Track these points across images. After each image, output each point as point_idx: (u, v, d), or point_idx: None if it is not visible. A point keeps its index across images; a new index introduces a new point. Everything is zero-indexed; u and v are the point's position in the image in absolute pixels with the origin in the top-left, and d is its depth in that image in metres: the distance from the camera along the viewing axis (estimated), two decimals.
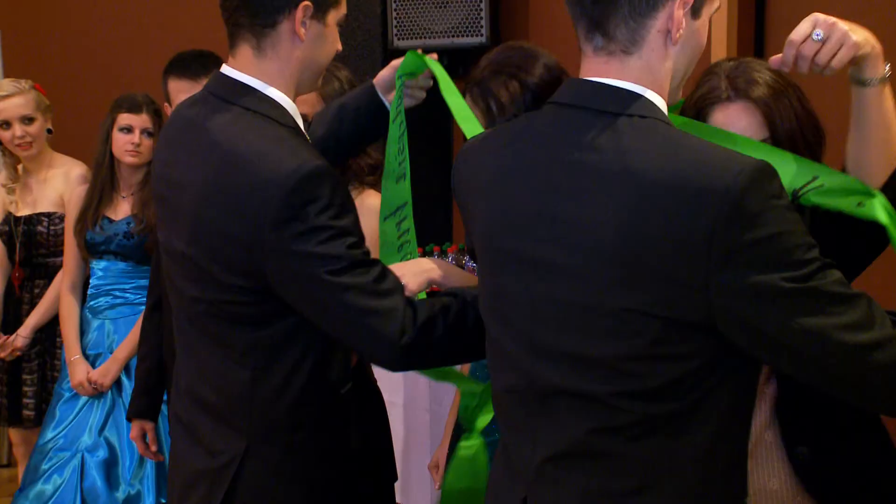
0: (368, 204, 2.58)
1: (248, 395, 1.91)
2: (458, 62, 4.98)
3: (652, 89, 1.46)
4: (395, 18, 4.73)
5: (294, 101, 1.96)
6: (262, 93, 1.89)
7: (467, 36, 4.66)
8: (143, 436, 3.11)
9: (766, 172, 1.34)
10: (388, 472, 2.78)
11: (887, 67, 1.74)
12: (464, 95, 2.20)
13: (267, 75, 1.89)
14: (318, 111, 2.44)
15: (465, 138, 1.98)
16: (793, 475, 1.93)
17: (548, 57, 2.21)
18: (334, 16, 1.93)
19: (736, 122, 1.86)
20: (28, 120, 3.81)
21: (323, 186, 1.74)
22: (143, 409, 3.11)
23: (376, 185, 2.58)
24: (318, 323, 1.83)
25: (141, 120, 3.47)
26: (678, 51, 1.49)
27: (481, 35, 4.60)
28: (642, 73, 1.46)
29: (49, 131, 3.91)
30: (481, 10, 4.60)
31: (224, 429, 1.94)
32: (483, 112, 2.18)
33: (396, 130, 2.23)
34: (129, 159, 3.48)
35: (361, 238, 1.81)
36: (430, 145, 5.20)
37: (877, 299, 1.44)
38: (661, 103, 1.47)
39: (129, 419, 3.19)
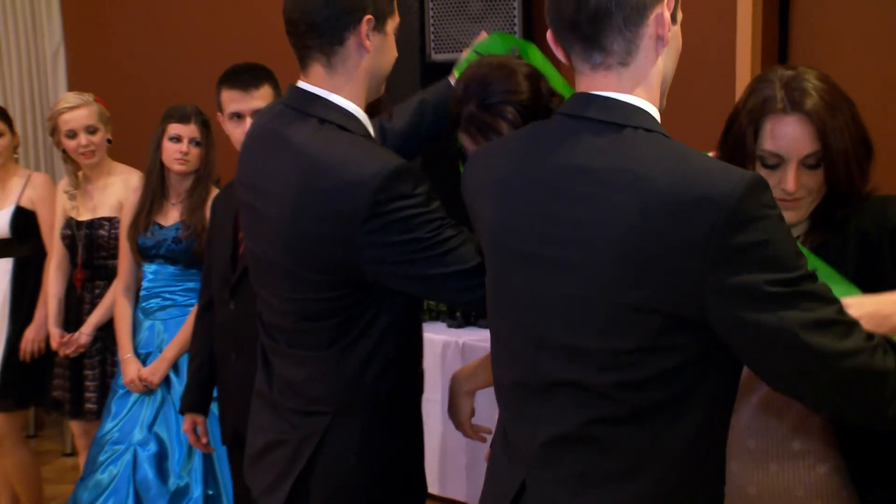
0: None
1: (333, 376, 1.96)
2: None
3: (647, 99, 1.49)
4: (433, 33, 4.77)
5: (364, 108, 2.01)
6: (336, 105, 1.93)
7: None
8: (194, 428, 3.10)
9: (762, 184, 1.36)
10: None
11: None
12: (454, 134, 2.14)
13: (339, 88, 1.94)
14: (396, 106, 2.45)
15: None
16: (768, 483, 1.91)
17: (522, 65, 2.11)
18: (392, 24, 2.00)
19: (791, 133, 1.79)
20: (90, 130, 3.85)
21: (404, 183, 1.80)
22: (194, 403, 3.11)
23: None
24: (412, 292, 1.95)
25: (189, 130, 3.45)
26: (666, 54, 1.51)
27: None
28: (638, 83, 1.48)
29: (109, 141, 3.94)
30: (514, 23, 4.59)
31: (308, 405, 1.99)
32: None
33: None
34: (177, 167, 3.47)
35: (445, 219, 1.86)
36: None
37: None
38: (656, 113, 1.50)
39: (181, 412, 3.18)
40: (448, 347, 4.30)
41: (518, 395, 1.60)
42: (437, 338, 4.33)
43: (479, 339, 4.24)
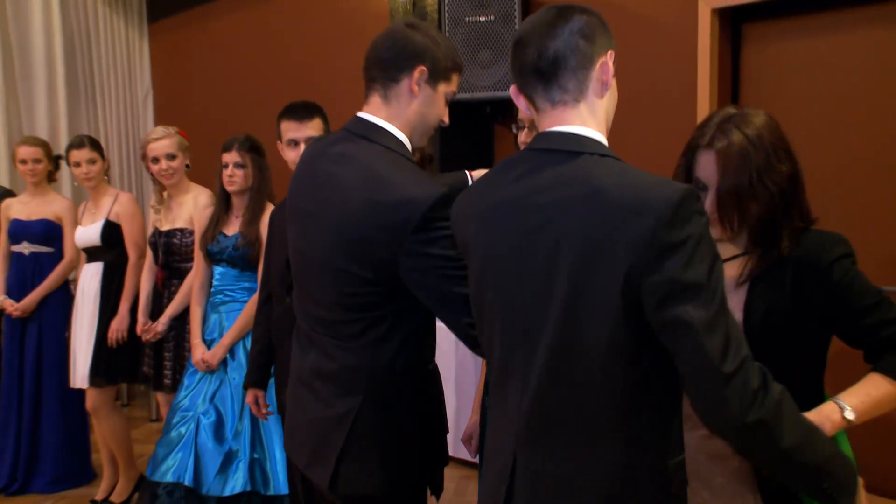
0: None
1: (367, 365, 1.94)
2: (498, 111, 5.01)
3: (597, 130, 1.53)
4: None
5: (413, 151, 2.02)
6: (393, 134, 1.94)
7: (506, 89, 4.54)
8: (256, 400, 3.12)
9: (695, 194, 1.38)
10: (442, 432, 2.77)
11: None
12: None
13: (392, 118, 1.95)
14: None
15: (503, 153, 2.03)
16: (737, 476, 1.84)
17: None
18: (444, 88, 1.98)
19: (708, 166, 1.79)
20: (171, 157, 3.86)
21: (448, 209, 1.77)
22: (255, 380, 3.12)
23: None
24: (426, 303, 1.87)
25: (231, 156, 3.48)
26: (609, 96, 1.57)
27: None
28: (590, 117, 1.53)
29: (187, 166, 3.95)
30: None
31: (344, 390, 1.97)
32: None
33: None
34: (228, 188, 3.52)
35: None
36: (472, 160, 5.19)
37: None
38: (605, 141, 1.53)
39: (245, 388, 3.19)
40: None
41: (502, 386, 1.61)
42: None
43: None
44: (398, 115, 1.95)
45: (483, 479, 1.69)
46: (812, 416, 1.65)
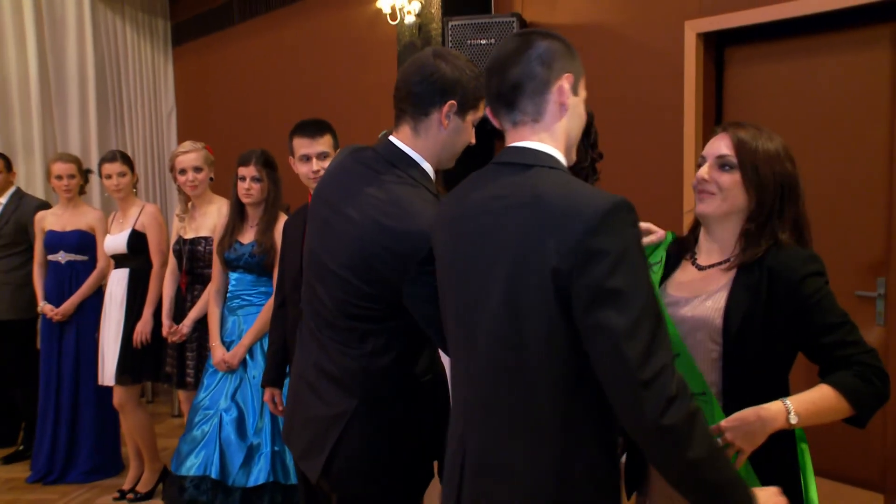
0: None
1: (362, 371, 1.91)
2: (497, 132, 4.99)
3: (554, 146, 1.55)
4: None
5: (437, 173, 1.99)
6: (419, 165, 1.91)
7: None
8: (272, 398, 3.10)
9: (627, 206, 1.39)
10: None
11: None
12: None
13: (421, 149, 1.91)
14: None
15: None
16: None
17: None
18: (472, 116, 1.95)
19: (714, 142, 1.81)
20: (197, 169, 3.86)
21: None
22: (272, 379, 3.11)
23: None
24: (424, 328, 1.85)
25: (249, 170, 3.46)
26: (569, 117, 1.57)
27: None
28: (546, 135, 1.55)
29: (211, 179, 3.96)
30: None
31: (341, 391, 1.93)
32: None
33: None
34: (244, 199, 3.50)
35: None
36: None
37: None
38: (560, 156, 1.56)
39: (262, 387, 3.17)
40: None
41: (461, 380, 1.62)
42: None
43: None
44: (427, 147, 1.92)
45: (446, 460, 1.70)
46: (762, 411, 1.63)
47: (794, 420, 1.64)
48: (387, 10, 5.14)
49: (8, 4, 6.97)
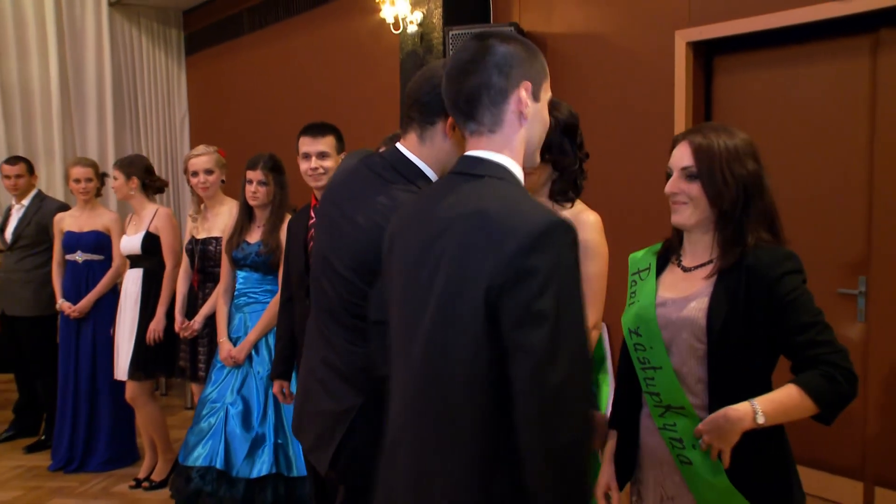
0: None
1: (366, 367, 1.86)
2: None
3: (511, 157, 1.46)
4: None
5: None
6: (424, 173, 1.84)
7: None
8: (281, 390, 3.09)
9: (564, 226, 1.31)
10: None
11: None
12: None
13: (425, 158, 1.85)
14: None
15: None
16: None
17: (566, 104, 2.22)
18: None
19: (676, 153, 1.76)
20: (209, 172, 3.83)
21: None
22: (280, 372, 3.09)
23: None
24: None
25: (256, 174, 3.44)
26: (529, 124, 1.48)
27: None
28: (504, 146, 1.45)
29: (223, 181, 3.94)
30: None
31: (348, 386, 1.89)
32: None
33: None
34: (250, 202, 3.48)
35: None
36: None
37: None
38: (516, 168, 1.46)
39: (271, 379, 3.15)
40: None
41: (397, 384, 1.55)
42: None
43: None
44: (431, 155, 1.86)
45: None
46: (730, 412, 1.60)
47: (760, 420, 1.61)
48: (390, 20, 5.13)
49: (31, 18, 7.01)
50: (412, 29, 5.04)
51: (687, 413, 1.71)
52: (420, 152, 1.85)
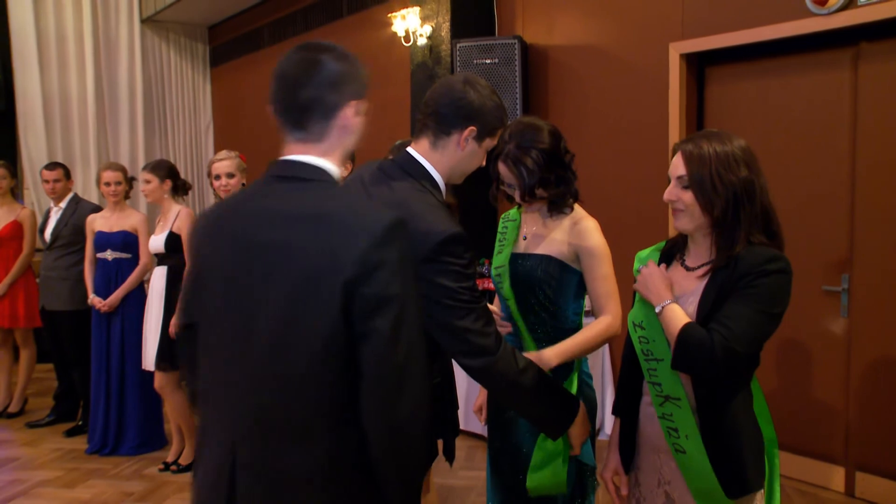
0: None
1: None
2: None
3: (333, 163, 1.45)
4: None
5: (447, 186, 1.88)
6: (432, 176, 1.81)
7: (509, 120, 4.57)
8: None
9: (404, 222, 1.35)
10: (453, 412, 2.67)
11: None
12: (496, 163, 2.08)
13: (435, 163, 1.81)
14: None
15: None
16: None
17: (548, 125, 2.07)
18: (488, 143, 1.84)
19: (673, 162, 1.71)
20: (230, 175, 3.81)
21: (459, 245, 1.66)
22: None
23: None
24: (428, 327, 1.63)
25: None
26: (348, 136, 1.47)
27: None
28: (328, 153, 1.45)
29: (243, 184, 3.91)
30: (517, 103, 4.56)
31: None
32: (517, 175, 2.05)
33: None
34: None
35: (475, 284, 1.70)
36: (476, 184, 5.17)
37: None
38: (336, 172, 1.46)
39: None
40: None
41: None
42: None
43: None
44: (441, 161, 1.82)
45: (197, 473, 1.48)
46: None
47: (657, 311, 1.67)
48: (401, 34, 5.11)
49: (71, 34, 7.07)
50: (422, 42, 5.02)
51: (682, 404, 1.68)
52: (430, 157, 1.82)
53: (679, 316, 1.63)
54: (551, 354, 1.96)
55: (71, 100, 7.10)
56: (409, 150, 1.85)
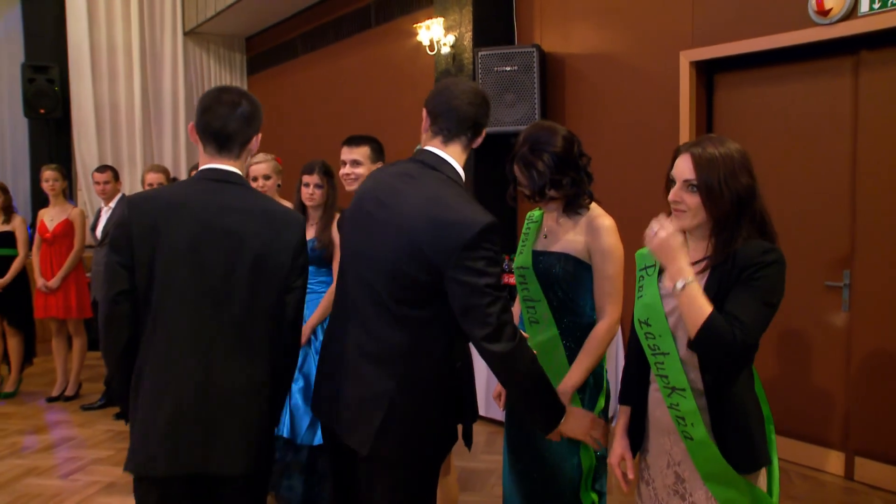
0: None
1: (403, 352, 1.79)
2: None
3: (240, 171, 1.90)
4: None
5: None
6: (453, 167, 1.85)
7: (527, 124, 4.56)
8: None
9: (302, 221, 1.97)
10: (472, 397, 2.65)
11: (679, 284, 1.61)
12: (511, 165, 2.10)
13: (448, 154, 1.87)
14: None
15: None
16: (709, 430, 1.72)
17: (564, 130, 2.07)
18: (478, 142, 1.94)
19: (679, 164, 1.71)
20: (267, 177, 3.80)
21: (494, 234, 1.71)
22: None
23: None
24: (454, 308, 1.73)
25: (313, 178, 3.39)
26: (250, 154, 1.94)
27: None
28: (239, 165, 1.90)
29: (279, 185, 3.95)
30: (535, 109, 4.59)
31: (381, 371, 1.80)
32: (528, 177, 2.06)
33: None
34: (307, 203, 3.43)
35: (500, 275, 1.74)
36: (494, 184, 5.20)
37: None
38: (243, 180, 1.90)
39: None
40: None
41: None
42: None
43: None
44: (454, 153, 1.86)
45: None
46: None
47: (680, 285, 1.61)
48: (426, 43, 5.15)
49: (121, 46, 7.23)
50: (445, 50, 5.06)
51: (686, 394, 1.70)
52: (444, 150, 1.86)
53: (703, 300, 1.60)
54: (568, 386, 2.03)
55: (120, 107, 7.24)
56: (428, 147, 1.88)
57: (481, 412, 2.76)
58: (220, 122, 1.85)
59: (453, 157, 1.86)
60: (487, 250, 1.69)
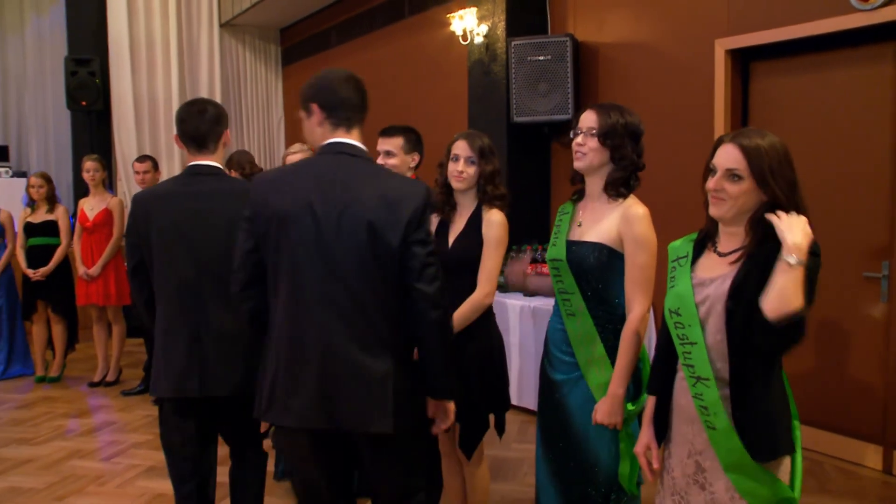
0: (489, 217, 2.47)
1: (399, 318, 1.85)
2: (553, 131, 4.98)
3: (220, 164, 2.36)
4: (515, 103, 4.73)
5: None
6: (365, 151, 1.99)
7: (560, 114, 4.62)
8: None
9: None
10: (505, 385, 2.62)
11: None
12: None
13: (358, 142, 2.01)
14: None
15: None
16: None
17: (637, 115, 2.20)
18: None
19: (723, 153, 1.69)
20: None
21: (432, 202, 1.95)
22: None
23: (499, 207, 2.50)
24: (412, 270, 1.84)
25: None
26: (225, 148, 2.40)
27: (568, 113, 4.56)
28: (217, 158, 2.36)
29: None
30: (569, 98, 4.58)
31: (374, 356, 1.81)
32: (607, 123, 2.12)
33: None
34: None
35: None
36: (530, 173, 5.16)
37: None
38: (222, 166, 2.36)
39: None
40: (523, 310, 4.26)
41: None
42: (515, 303, 4.29)
43: (543, 304, 4.17)
44: (359, 141, 1.97)
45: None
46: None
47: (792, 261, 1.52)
48: (459, 33, 5.15)
49: (159, 40, 7.36)
50: (479, 40, 5.05)
51: (710, 384, 1.69)
52: (350, 137, 1.97)
53: (801, 289, 1.54)
54: (614, 388, 2.05)
55: (158, 99, 7.37)
56: (338, 139, 1.94)
57: (513, 401, 2.77)
58: (194, 127, 2.31)
59: (358, 142, 1.97)
60: (429, 220, 1.89)
